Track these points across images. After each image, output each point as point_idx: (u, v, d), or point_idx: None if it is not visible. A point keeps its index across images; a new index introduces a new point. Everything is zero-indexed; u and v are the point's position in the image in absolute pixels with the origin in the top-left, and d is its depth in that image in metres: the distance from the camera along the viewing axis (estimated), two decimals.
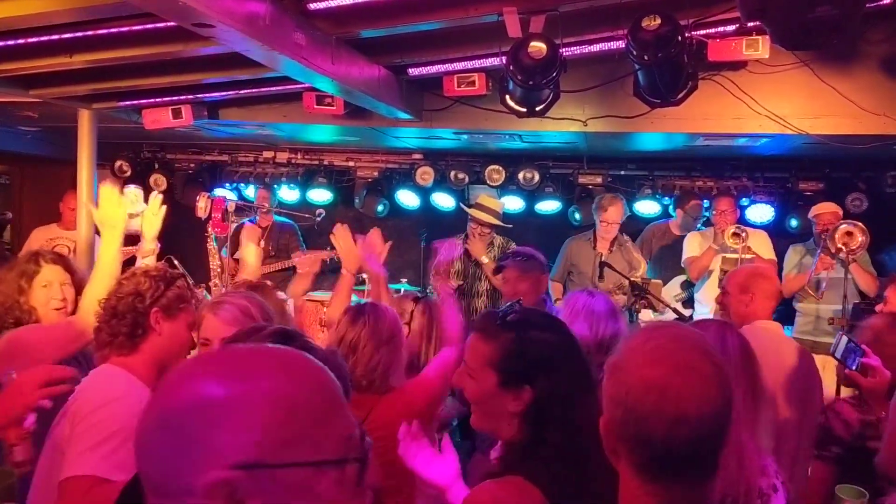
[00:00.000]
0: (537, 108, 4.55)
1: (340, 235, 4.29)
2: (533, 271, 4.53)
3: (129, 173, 8.14)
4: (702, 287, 6.54)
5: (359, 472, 0.98)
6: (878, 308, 4.23)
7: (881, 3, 4.47)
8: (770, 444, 2.26)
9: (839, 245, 5.67)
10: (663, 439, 1.31)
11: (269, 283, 4.09)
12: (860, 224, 5.75)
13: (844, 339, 3.19)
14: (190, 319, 2.62)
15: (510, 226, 6.60)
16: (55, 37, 4.26)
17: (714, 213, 6.59)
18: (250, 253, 4.65)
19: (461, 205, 6.93)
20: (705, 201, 7.29)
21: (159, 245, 4.15)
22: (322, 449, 0.95)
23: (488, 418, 1.96)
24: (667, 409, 1.31)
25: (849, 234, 5.70)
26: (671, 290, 6.75)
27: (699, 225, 7.09)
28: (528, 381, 1.86)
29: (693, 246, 6.56)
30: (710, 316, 5.83)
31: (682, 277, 6.95)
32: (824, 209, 6.34)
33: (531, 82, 4.22)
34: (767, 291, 4.02)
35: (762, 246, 6.31)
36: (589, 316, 3.27)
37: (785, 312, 6.90)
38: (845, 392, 5.55)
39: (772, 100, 5.41)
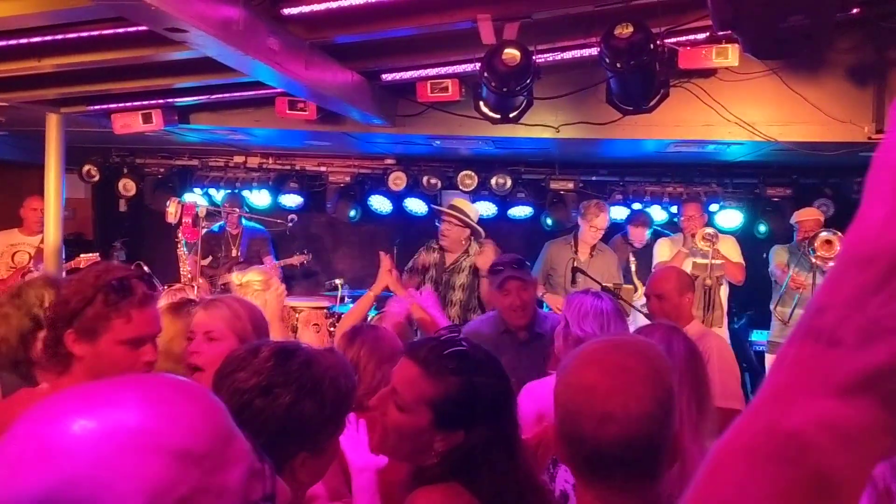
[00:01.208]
0: (511, 115, 4.57)
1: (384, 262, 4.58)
2: (533, 277, 4.42)
3: (97, 178, 8.04)
4: None
5: None
6: None
7: (850, 13, 4.55)
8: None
9: (819, 251, 5.73)
10: (591, 438, 1.34)
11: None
12: (839, 234, 5.80)
13: None
14: (126, 328, 2.12)
15: (481, 231, 6.57)
16: (23, 40, 4.19)
17: (682, 218, 6.63)
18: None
19: (433, 206, 6.80)
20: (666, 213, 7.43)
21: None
22: (226, 499, 0.79)
23: (405, 450, 1.84)
24: (594, 408, 1.34)
25: (828, 242, 5.76)
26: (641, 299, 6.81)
27: (667, 231, 7.17)
28: (465, 426, 1.77)
29: (664, 252, 6.60)
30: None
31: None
32: (807, 216, 6.40)
33: (505, 89, 4.24)
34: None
35: (731, 250, 6.37)
36: (598, 316, 3.25)
37: (759, 317, 7.00)
38: None
39: (741, 107, 5.48)
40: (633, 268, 6.60)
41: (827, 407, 0.52)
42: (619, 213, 7.66)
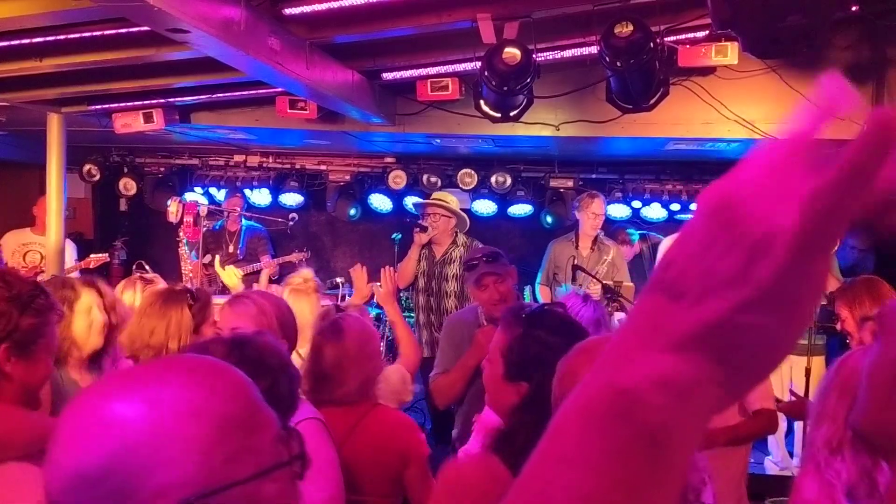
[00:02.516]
0: (511, 114, 4.59)
1: (357, 275, 4.45)
2: (509, 268, 4.26)
3: (97, 178, 8.05)
4: None
5: (300, 468, 0.93)
6: (837, 326, 4.26)
7: (848, 11, 4.56)
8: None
9: None
10: None
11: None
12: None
13: None
14: (52, 347, 1.99)
15: (466, 220, 6.46)
16: (25, 40, 4.21)
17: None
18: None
19: (415, 203, 6.72)
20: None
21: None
22: (261, 457, 0.88)
23: (495, 402, 2.08)
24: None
25: None
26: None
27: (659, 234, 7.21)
28: (526, 377, 1.92)
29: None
30: None
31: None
32: None
33: (506, 88, 4.26)
34: None
35: None
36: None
37: None
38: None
39: (740, 105, 5.49)
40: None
41: (661, 362, 0.51)
42: (619, 210, 7.68)
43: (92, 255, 6.55)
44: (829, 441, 2.08)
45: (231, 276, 4.95)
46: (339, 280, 6.90)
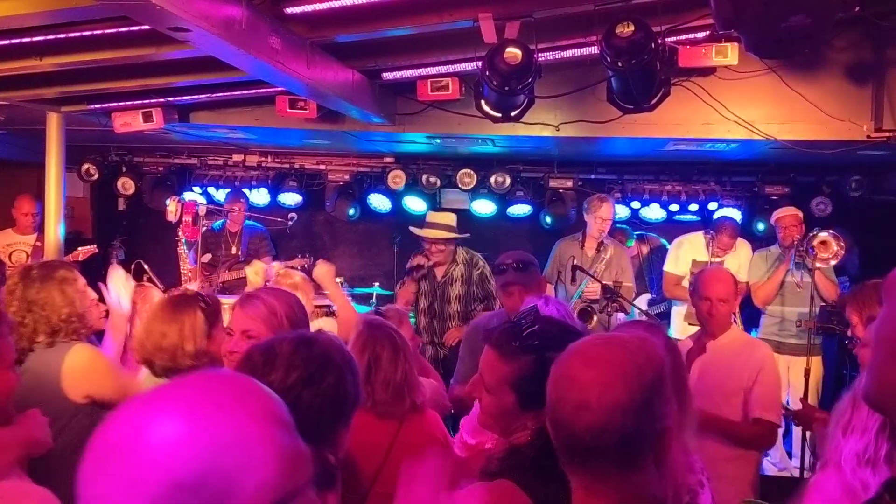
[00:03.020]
0: (512, 114, 4.58)
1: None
2: (536, 277, 4.31)
3: (96, 177, 8.03)
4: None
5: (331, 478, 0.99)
6: (849, 333, 4.22)
7: (850, 11, 4.57)
8: (694, 443, 2.31)
9: (812, 252, 5.73)
10: (567, 424, 1.41)
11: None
12: (838, 236, 5.81)
13: None
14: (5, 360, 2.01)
15: (466, 234, 6.45)
16: (25, 39, 4.19)
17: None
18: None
19: (410, 229, 6.66)
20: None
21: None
22: (309, 464, 0.93)
23: (502, 427, 2.01)
24: (572, 396, 1.40)
25: (824, 243, 5.77)
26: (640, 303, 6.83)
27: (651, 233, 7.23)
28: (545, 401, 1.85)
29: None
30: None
31: (647, 295, 7.11)
32: (785, 213, 6.41)
33: (507, 88, 4.26)
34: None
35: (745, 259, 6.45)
36: None
37: (749, 314, 7.03)
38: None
39: (740, 105, 5.50)
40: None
41: None
42: (618, 211, 7.67)
43: (80, 248, 6.42)
44: (861, 453, 2.08)
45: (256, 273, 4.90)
46: (338, 280, 6.89)
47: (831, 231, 5.84)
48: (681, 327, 6.36)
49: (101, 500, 0.80)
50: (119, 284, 3.64)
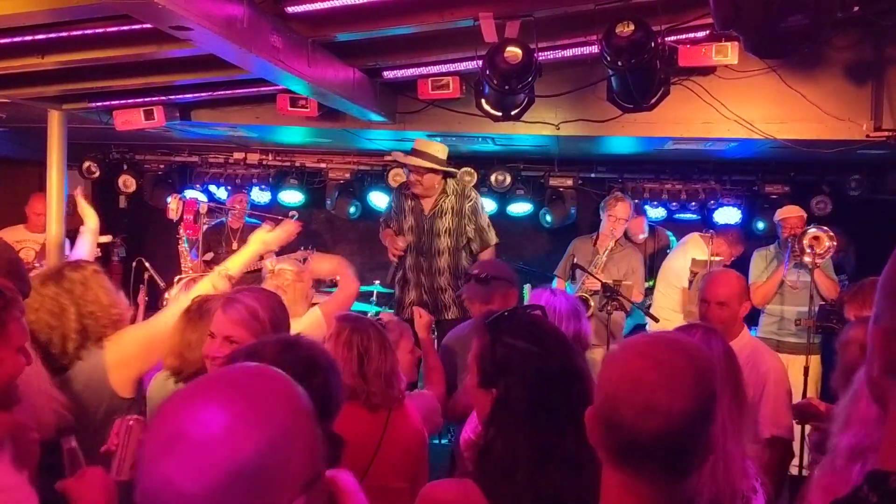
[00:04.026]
0: (513, 113, 4.60)
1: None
2: (496, 292, 4.11)
3: (97, 175, 8.05)
4: (669, 291, 6.58)
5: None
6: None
7: (849, 11, 4.58)
8: (750, 448, 2.32)
9: (806, 249, 5.73)
10: (630, 426, 1.38)
11: None
12: (828, 230, 5.81)
13: None
14: (14, 343, 1.98)
15: (453, 170, 6.10)
16: (27, 38, 4.21)
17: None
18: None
19: (393, 155, 6.40)
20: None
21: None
22: (320, 452, 1.00)
23: (477, 412, 2.07)
24: (637, 399, 1.38)
25: (816, 238, 5.77)
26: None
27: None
28: (495, 383, 1.90)
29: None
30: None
31: (649, 283, 7.05)
32: (790, 213, 6.39)
33: (507, 87, 4.27)
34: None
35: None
36: (550, 315, 3.22)
37: (754, 314, 7.04)
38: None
39: (740, 104, 5.51)
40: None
41: None
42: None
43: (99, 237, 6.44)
44: (855, 446, 2.10)
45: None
46: (338, 278, 6.89)
47: (821, 226, 5.84)
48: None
49: (164, 485, 0.84)
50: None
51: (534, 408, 1.82)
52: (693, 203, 7.64)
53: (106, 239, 6.33)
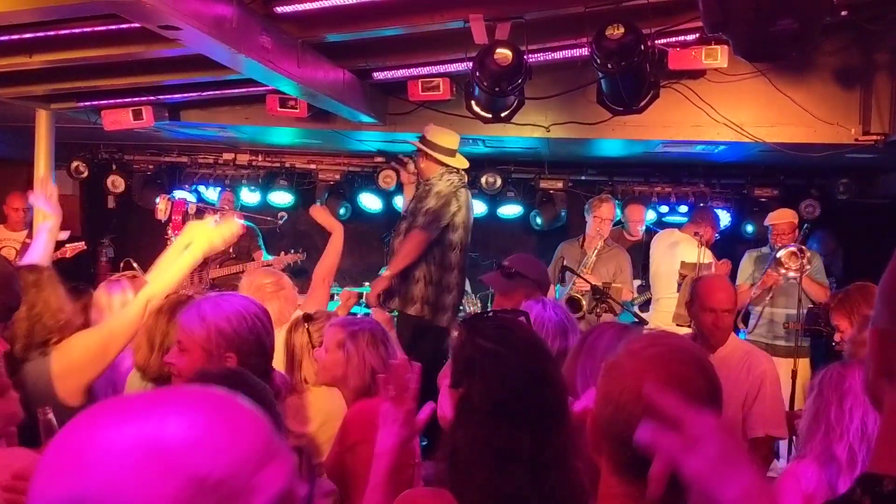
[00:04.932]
0: (503, 114, 4.60)
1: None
2: (519, 289, 3.93)
3: (85, 174, 8.01)
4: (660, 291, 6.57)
5: None
6: (836, 338, 4.13)
7: (838, 16, 4.59)
8: None
9: (785, 265, 5.71)
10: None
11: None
12: (806, 252, 5.75)
13: None
14: None
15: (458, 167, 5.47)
16: (15, 36, 4.18)
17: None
18: None
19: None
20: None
21: None
22: (294, 469, 0.93)
23: (449, 410, 2.00)
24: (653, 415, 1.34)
25: (793, 254, 5.76)
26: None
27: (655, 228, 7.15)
28: (461, 382, 1.87)
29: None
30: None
31: (637, 282, 7.01)
32: (779, 218, 6.30)
33: (497, 89, 4.27)
34: None
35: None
36: (537, 327, 3.13)
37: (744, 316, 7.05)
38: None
39: (729, 108, 5.52)
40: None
41: None
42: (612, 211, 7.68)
43: (67, 245, 6.30)
44: (835, 450, 2.11)
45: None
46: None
47: (799, 246, 5.79)
48: (667, 327, 6.34)
49: (122, 497, 0.77)
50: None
51: (496, 409, 1.78)
52: (683, 206, 7.66)
53: (64, 236, 6.26)
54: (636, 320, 5.73)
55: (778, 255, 5.72)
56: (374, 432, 2.57)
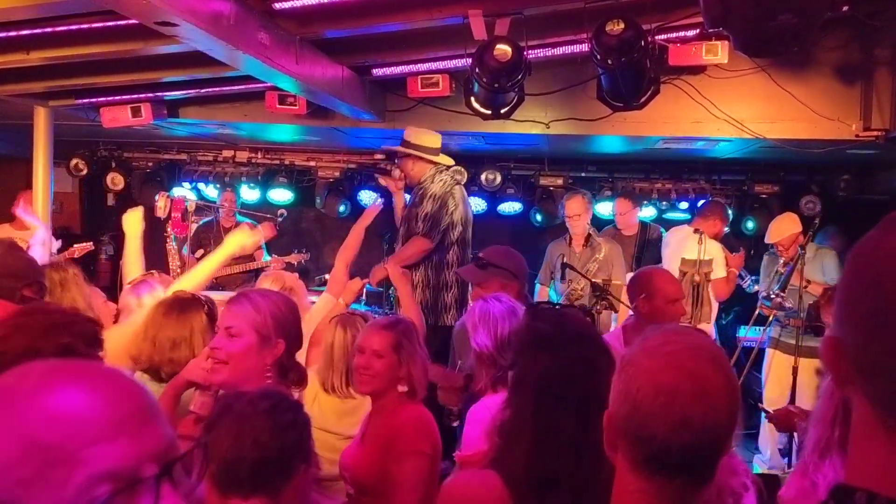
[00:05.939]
0: (502, 111, 4.58)
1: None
2: (493, 279, 3.91)
3: (85, 172, 7.99)
4: None
5: None
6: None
7: (838, 11, 4.58)
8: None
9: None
10: (663, 440, 1.33)
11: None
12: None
13: None
14: None
15: (445, 164, 5.59)
16: (12, 33, 4.17)
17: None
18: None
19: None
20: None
21: None
22: (63, 492, 0.90)
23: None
24: (673, 413, 1.32)
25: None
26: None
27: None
28: (516, 363, 2.04)
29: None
30: None
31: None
32: (780, 234, 6.11)
33: (497, 85, 4.25)
34: None
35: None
36: (486, 322, 3.07)
37: (741, 313, 7.05)
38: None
39: (730, 104, 5.50)
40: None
41: None
42: (608, 208, 7.68)
43: (76, 245, 6.41)
44: (818, 442, 2.09)
45: None
46: (328, 277, 6.87)
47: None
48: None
49: None
50: None
51: (543, 389, 1.90)
52: (683, 202, 7.64)
53: (57, 245, 6.31)
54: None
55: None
56: (428, 444, 2.67)
